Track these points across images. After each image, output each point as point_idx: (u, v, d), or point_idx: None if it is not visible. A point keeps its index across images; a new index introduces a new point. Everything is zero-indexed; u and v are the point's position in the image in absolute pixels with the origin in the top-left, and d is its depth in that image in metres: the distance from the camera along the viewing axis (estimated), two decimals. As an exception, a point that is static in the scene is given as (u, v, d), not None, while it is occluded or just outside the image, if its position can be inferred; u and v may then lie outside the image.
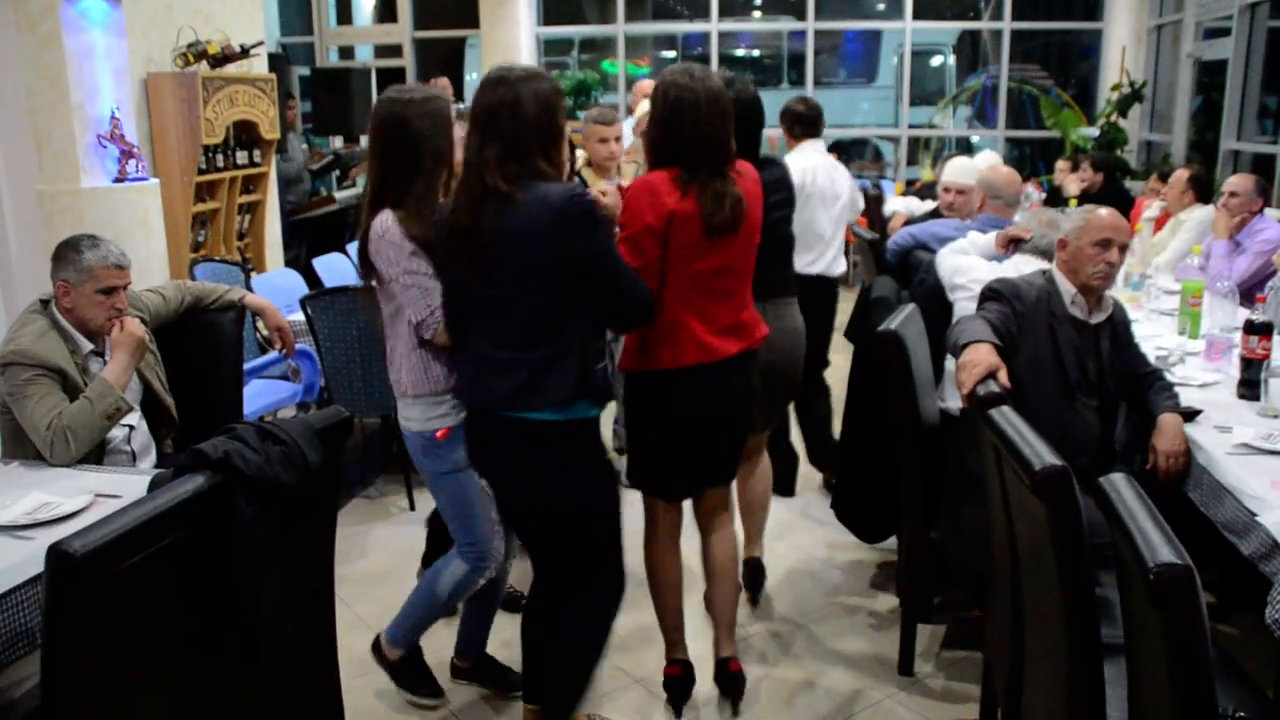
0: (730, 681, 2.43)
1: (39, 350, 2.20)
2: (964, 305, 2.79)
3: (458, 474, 2.19)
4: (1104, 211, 2.42)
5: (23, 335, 2.23)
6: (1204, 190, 4.50)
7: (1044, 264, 2.61)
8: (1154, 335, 3.06)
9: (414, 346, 2.13)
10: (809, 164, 3.46)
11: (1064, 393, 2.34)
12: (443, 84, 6.96)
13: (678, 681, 2.42)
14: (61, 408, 2.16)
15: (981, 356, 2.13)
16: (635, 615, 2.60)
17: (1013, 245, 2.93)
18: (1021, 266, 2.70)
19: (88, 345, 2.31)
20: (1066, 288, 2.40)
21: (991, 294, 2.41)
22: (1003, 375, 2.10)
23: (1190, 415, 2.31)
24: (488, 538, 2.27)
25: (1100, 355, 2.40)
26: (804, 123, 3.58)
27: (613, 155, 3.30)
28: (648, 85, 4.57)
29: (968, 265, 2.88)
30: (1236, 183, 3.92)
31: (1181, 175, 4.59)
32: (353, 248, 5.19)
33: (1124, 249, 2.39)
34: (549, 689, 2.20)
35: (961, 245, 3.03)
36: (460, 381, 2.10)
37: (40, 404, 2.15)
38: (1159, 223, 4.59)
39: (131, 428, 2.39)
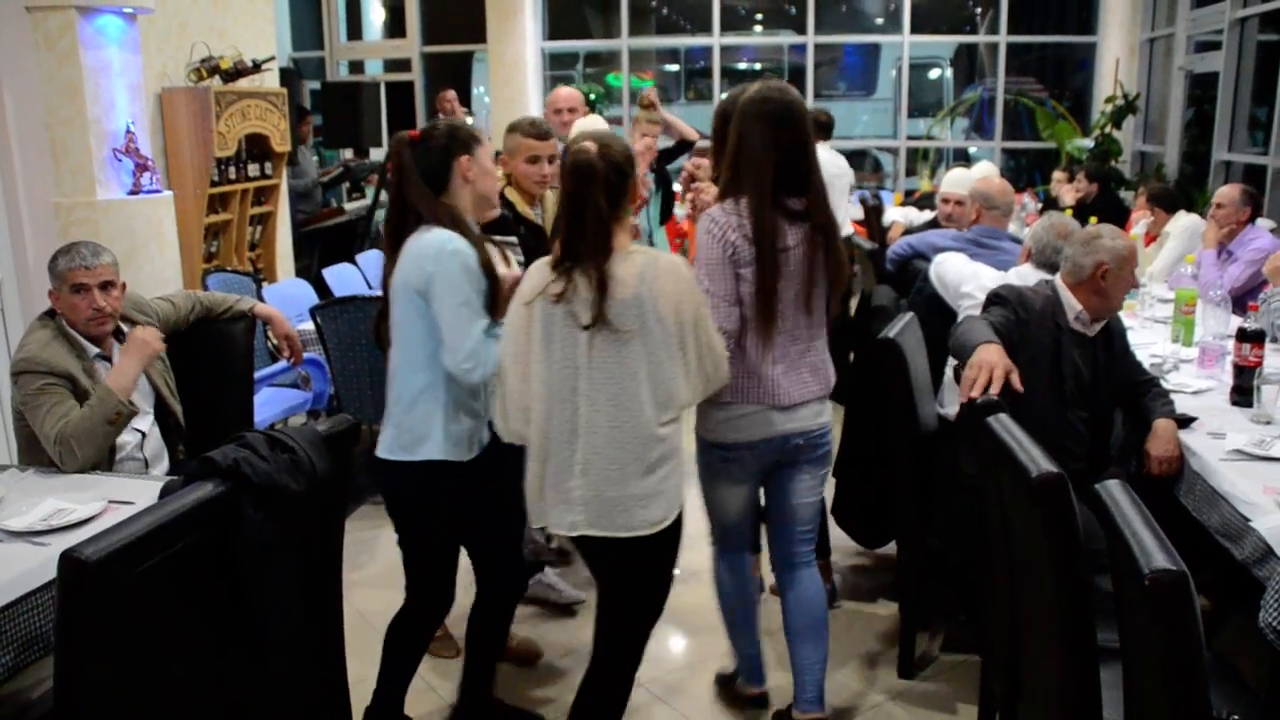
0: None
1: (47, 356, 2.24)
2: (970, 314, 2.80)
3: None
4: (1127, 240, 2.42)
5: (30, 343, 2.27)
6: (1170, 202, 4.58)
7: (1048, 275, 2.62)
8: (1148, 343, 3.09)
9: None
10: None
11: (1058, 403, 2.35)
12: (449, 97, 7.01)
13: None
14: (68, 417, 2.18)
15: (996, 358, 2.10)
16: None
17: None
18: (1027, 276, 2.70)
19: (93, 350, 2.34)
20: (1071, 303, 2.40)
21: (996, 299, 2.41)
22: (1015, 378, 2.09)
23: (1185, 422, 2.33)
24: None
25: (1096, 366, 2.41)
26: (819, 128, 4.21)
27: (545, 180, 2.68)
28: (564, 95, 3.60)
29: (973, 272, 2.87)
30: (1223, 194, 3.96)
31: (1140, 199, 4.69)
32: (370, 257, 5.12)
33: None
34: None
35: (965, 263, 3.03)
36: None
37: (50, 414, 2.18)
38: (1150, 237, 4.63)
39: (143, 435, 2.42)
